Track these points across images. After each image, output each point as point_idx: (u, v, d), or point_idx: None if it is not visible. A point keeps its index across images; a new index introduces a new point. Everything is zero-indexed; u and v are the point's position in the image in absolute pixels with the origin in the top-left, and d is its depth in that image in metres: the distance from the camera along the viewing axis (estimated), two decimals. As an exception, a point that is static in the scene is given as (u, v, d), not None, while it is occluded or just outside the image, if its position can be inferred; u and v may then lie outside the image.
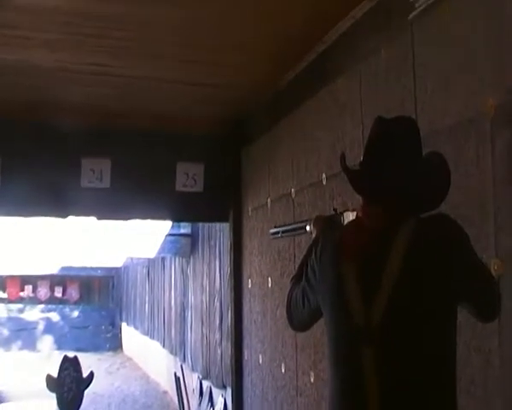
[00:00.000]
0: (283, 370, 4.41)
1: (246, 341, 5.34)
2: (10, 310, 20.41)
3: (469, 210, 2.38)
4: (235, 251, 5.58)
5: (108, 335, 20.69)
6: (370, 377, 1.92)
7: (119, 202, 5.25)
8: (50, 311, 20.78)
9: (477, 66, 2.41)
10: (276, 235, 3.14)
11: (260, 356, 4.92)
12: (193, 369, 9.81)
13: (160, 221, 8.98)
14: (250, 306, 5.23)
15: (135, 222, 8.33)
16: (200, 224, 9.50)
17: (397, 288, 1.92)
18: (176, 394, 9.80)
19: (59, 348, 18.55)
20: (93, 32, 3.64)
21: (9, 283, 19.65)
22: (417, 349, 1.91)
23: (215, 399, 8.41)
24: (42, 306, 20.55)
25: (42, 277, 18.93)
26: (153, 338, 14.05)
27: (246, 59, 4.11)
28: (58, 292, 20.34)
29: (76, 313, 20.96)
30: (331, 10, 3.35)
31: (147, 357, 15.25)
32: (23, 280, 19.47)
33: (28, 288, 19.93)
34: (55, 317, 20.77)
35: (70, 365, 7.27)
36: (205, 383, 9.02)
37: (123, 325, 19.88)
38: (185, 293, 10.67)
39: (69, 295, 20.59)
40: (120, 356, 18.72)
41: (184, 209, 5.57)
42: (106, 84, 4.53)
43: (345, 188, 3.24)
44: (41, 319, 20.57)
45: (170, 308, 12.06)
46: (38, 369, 12.30)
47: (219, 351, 8.17)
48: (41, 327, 20.46)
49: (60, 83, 4.46)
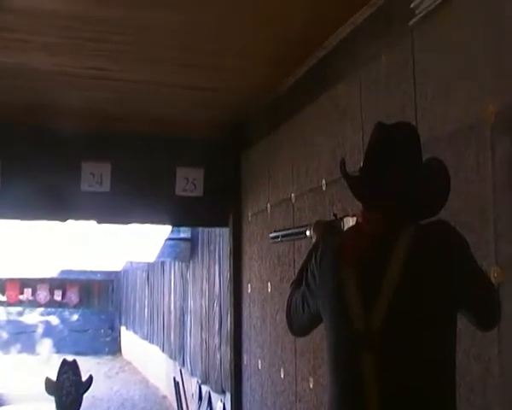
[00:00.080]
0: (282, 375, 4.40)
1: (245, 346, 5.32)
2: (9, 313, 20.39)
3: (469, 217, 2.38)
4: (234, 256, 5.57)
5: (108, 339, 20.66)
6: (370, 382, 1.92)
7: (119, 206, 5.25)
8: (50, 314, 20.76)
9: (477, 72, 2.41)
10: (276, 239, 3.13)
11: (259, 361, 4.91)
12: (192, 374, 9.79)
13: (160, 225, 8.97)
14: (249, 311, 5.22)
15: (135, 226, 8.33)
16: (199, 228, 9.49)
17: (397, 293, 1.91)
18: (175, 398, 9.80)
19: (58, 352, 18.52)
20: (92, 36, 3.64)
21: (9, 286, 19.66)
22: (417, 355, 1.90)
23: (214, 404, 8.39)
24: (41, 309, 20.54)
25: (41, 280, 18.96)
26: (152, 342, 14.04)
27: (245, 63, 4.10)
28: (57, 295, 20.33)
29: (75, 317, 20.94)
30: (331, 15, 3.35)
31: (146, 361, 15.23)
32: (22, 283, 19.48)
33: (28, 291, 19.92)
34: (55, 320, 20.75)
35: (69, 368, 7.26)
36: (204, 387, 9.00)
37: (122, 329, 19.86)
38: (185, 297, 10.65)
39: (68, 298, 20.58)
40: (119, 360, 18.69)
41: (184, 214, 5.57)
42: (105, 88, 4.53)
43: (345, 194, 3.23)
44: (40, 323, 20.54)
45: (169, 313, 12.04)
46: (37, 372, 12.28)
47: (218, 356, 8.15)
48: (40, 330, 20.44)
49: (59, 86, 4.45)
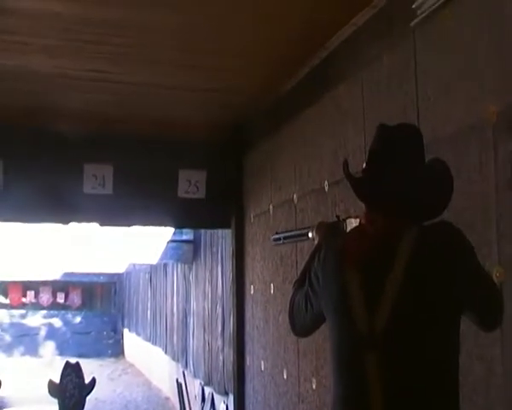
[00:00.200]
0: (285, 376, 4.40)
1: (248, 347, 5.32)
2: (12, 316, 20.41)
3: (472, 217, 2.38)
4: (237, 257, 5.57)
5: (110, 341, 20.67)
6: (374, 383, 1.92)
7: (122, 209, 5.25)
8: (52, 317, 20.77)
9: (479, 72, 2.41)
10: (278, 241, 3.12)
11: (262, 362, 4.90)
12: (195, 375, 9.79)
13: (163, 228, 8.97)
14: (252, 312, 5.22)
15: (137, 228, 8.32)
16: (202, 230, 9.49)
17: (400, 294, 1.91)
18: (178, 400, 9.78)
19: (61, 354, 18.54)
20: (92, 38, 3.65)
21: (12, 288, 19.63)
22: (421, 355, 1.90)
23: (217, 405, 8.39)
24: (44, 311, 20.54)
25: (44, 282, 18.94)
26: (155, 344, 14.04)
27: (245, 63, 4.10)
28: (60, 298, 20.30)
29: (78, 319, 20.95)
30: (332, 16, 3.34)
31: (149, 363, 15.23)
32: (25, 286, 19.45)
33: (30, 293, 19.89)
34: (58, 323, 20.76)
35: (72, 371, 7.24)
36: (207, 389, 9.01)
37: (125, 331, 19.86)
38: (187, 299, 10.66)
39: (71, 300, 20.55)
40: (122, 362, 18.70)
41: (186, 216, 5.58)
42: (105, 90, 4.53)
43: (347, 195, 3.23)
44: (43, 325, 20.57)
45: (172, 315, 12.04)
46: (40, 375, 12.27)
47: (221, 357, 8.15)
48: (43, 333, 20.46)
49: (59, 89, 4.46)
